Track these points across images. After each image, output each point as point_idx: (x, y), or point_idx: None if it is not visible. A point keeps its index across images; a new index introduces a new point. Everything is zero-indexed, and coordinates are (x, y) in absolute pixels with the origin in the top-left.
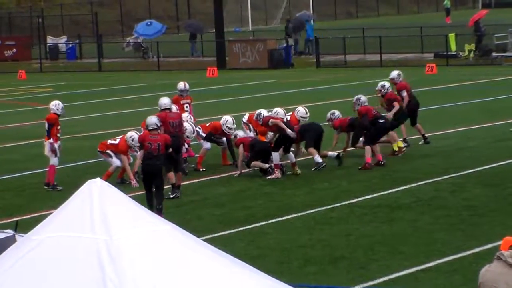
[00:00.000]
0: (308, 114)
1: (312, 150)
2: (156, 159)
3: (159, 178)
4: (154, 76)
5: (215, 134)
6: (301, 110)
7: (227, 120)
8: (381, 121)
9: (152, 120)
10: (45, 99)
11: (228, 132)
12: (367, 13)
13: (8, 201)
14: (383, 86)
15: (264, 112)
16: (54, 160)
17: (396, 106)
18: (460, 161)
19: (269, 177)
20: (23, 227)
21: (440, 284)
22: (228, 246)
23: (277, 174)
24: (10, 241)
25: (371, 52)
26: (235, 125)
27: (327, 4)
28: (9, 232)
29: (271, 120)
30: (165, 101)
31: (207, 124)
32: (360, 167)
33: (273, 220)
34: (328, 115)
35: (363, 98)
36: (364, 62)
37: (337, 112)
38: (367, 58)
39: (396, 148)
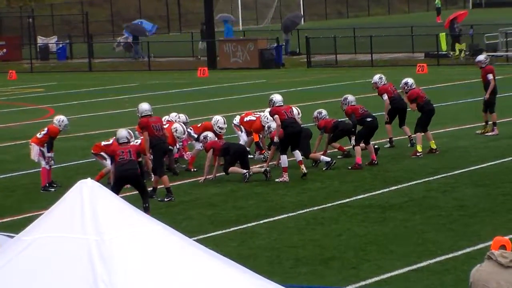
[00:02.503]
0: (300, 115)
1: (314, 155)
2: (130, 165)
3: (138, 183)
4: (145, 76)
5: None
6: (293, 111)
7: (218, 120)
8: (369, 119)
9: (123, 133)
10: (35, 99)
11: (220, 132)
12: (358, 13)
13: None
14: (406, 84)
15: (278, 100)
16: (44, 163)
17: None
18: (451, 161)
19: (277, 180)
20: (14, 228)
21: (431, 284)
22: (219, 247)
23: (285, 177)
24: None
25: (362, 52)
26: (226, 125)
27: (318, 3)
28: None
29: (275, 116)
30: (146, 107)
31: (199, 125)
32: (350, 167)
33: (265, 220)
34: (315, 113)
35: (350, 97)
36: (355, 62)
37: (324, 112)
38: (358, 58)
39: (434, 146)
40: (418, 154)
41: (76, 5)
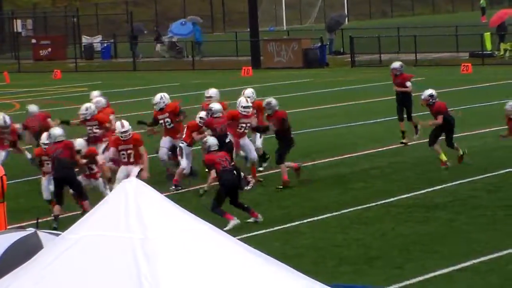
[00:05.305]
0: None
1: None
2: (235, 174)
3: (236, 192)
4: (188, 75)
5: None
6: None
7: (239, 101)
8: (292, 135)
9: (214, 141)
10: (80, 99)
11: (244, 112)
12: (402, 13)
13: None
14: (431, 96)
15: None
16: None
17: (439, 120)
18: (496, 160)
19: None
20: (59, 227)
21: (476, 284)
22: (263, 246)
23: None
24: (33, 238)
25: (406, 52)
26: (249, 103)
27: (362, 3)
28: (30, 229)
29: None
30: (33, 108)
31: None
32: (281, 186)
33: (309, 220)
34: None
35: (274, 101)
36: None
37: (274, 102)
38: (402, 58)
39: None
40: (447, 164)
41: (120, 4)
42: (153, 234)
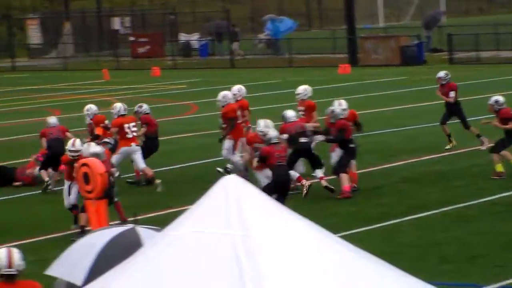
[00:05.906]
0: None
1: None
2: (286, 170)
3: (288, 191)
4: (286, 73)
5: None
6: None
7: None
8: (352, 145)
9: (274, 133)
10: (178, 96)
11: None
12: (499, 9)
13: (145, 197)
14: (496, 102)
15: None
16: None
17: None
18: None
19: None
20: (160, 223)
21: None
22: (362, 243)
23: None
24: (131, 233)
25: (505, 49)
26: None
27: (459, 0)
28: (129, 225)
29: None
30: (52, 120)
31: None
32: (339, 196)
33: (408, 217)
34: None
35: (338, 110)
36: (497, 58)
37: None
38: (501, 55)
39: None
40: (501, 175)
41: (217, 2)
42: (254, 231)
